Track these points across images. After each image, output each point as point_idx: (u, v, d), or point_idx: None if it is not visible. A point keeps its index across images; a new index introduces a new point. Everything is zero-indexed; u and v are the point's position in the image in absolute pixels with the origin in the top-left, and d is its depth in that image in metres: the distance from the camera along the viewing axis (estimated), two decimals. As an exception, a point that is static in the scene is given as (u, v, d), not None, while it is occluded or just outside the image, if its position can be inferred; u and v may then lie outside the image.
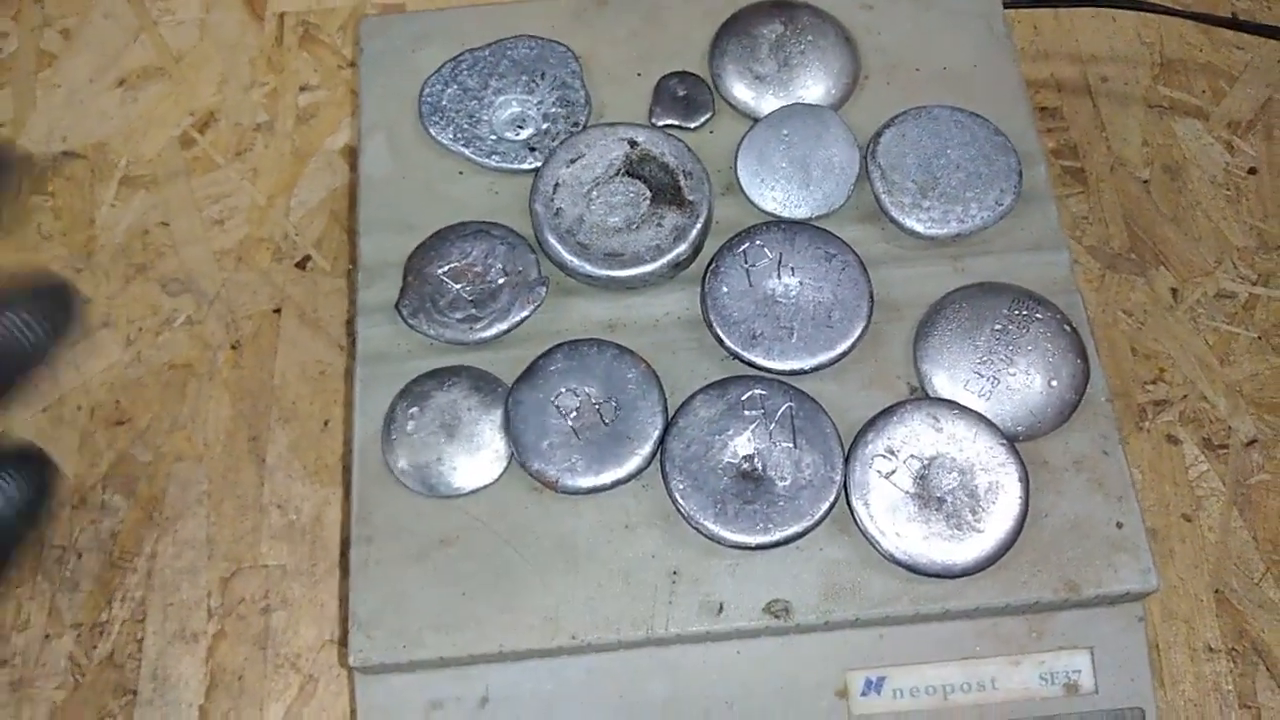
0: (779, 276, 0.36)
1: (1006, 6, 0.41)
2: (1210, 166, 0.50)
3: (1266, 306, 0.47)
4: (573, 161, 0.37)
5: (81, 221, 0.53)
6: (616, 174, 0.37)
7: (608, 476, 0.34)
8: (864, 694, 0.34)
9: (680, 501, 0.33)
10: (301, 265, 0.51)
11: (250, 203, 0.52)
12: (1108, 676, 0.34)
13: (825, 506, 0.33)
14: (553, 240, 0.36)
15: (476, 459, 0.35)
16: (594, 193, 0.37)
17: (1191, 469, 0.44)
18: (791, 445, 0.34)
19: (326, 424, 0.48)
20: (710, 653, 0.34)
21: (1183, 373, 0.46)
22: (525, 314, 0.36)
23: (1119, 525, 0.33)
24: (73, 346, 0.25)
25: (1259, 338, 0.46)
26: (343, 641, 0.44)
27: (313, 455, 0.47)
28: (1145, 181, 0.50)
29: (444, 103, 0.40)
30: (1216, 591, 0.42)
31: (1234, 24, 0.47)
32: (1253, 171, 0.49)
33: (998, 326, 0.35)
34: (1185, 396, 0.45)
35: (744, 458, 0.34)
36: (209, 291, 0.51)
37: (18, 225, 0.33)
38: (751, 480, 0.33)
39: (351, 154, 0.53)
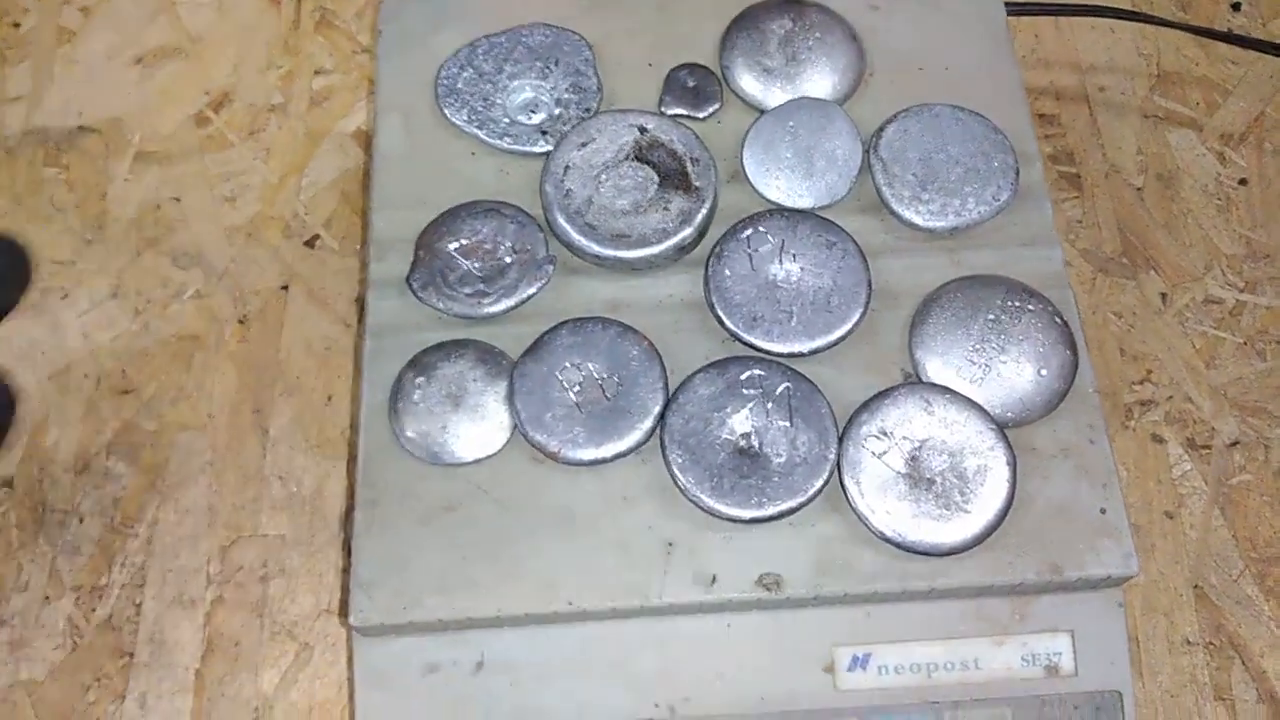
0: (781, 262, 0.37)
1: (1009, 12, 0.42)
2: (1202, 176, 0.51)
3: (1253, 313, 0.48)
4: (584, 145, 0.39)
5: (94, 195, 0.54)
6: (626, 159, 0.38)
7: (608, 449, 0.35)
8: (850, 670, 0.35)
9: (678, 475, 0.34)
10: (310, 244, 0.52)
11: (262, 181, 0.53)
12: (1087, 660, 0.35)
13: (819, 484, 0.34)
14: (562, 220, 0.37)
15: (481, 429, 0.36)
16: (603, 176, 0.38)
17: (1175, 468, 0.45)
18: (788, 424, 0.34)
19: (330, 399, 0.49)
20: (701, 626, 0.35)
21: (1169, 374, 0.47)
22: (532, 291, 0.37)
23: (1102, 511, 0.34)
24: (21, 299, 0.26)
25: (1244, 343, 0.47)
26: (342, 610, 0.45)
27: (315, 429, 0.48)
28: (1139, 189, 0.51)
29: (459, 85, 0.41)
30: (1196, 587, 0.43)
31: (1230, 38, 0.49)
32: (1243, 182, 0.51)
33: (991, 317, 0.36)
34: (1171, 397, 0.46)
35: (741, 435, 0.35)
36: (218, 266, 0.52)
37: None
38: (748, 457, 0.34)
39: (364, 137, 0.54)
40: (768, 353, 0.36)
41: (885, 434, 0.34)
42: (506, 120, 0.40)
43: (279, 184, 0.53)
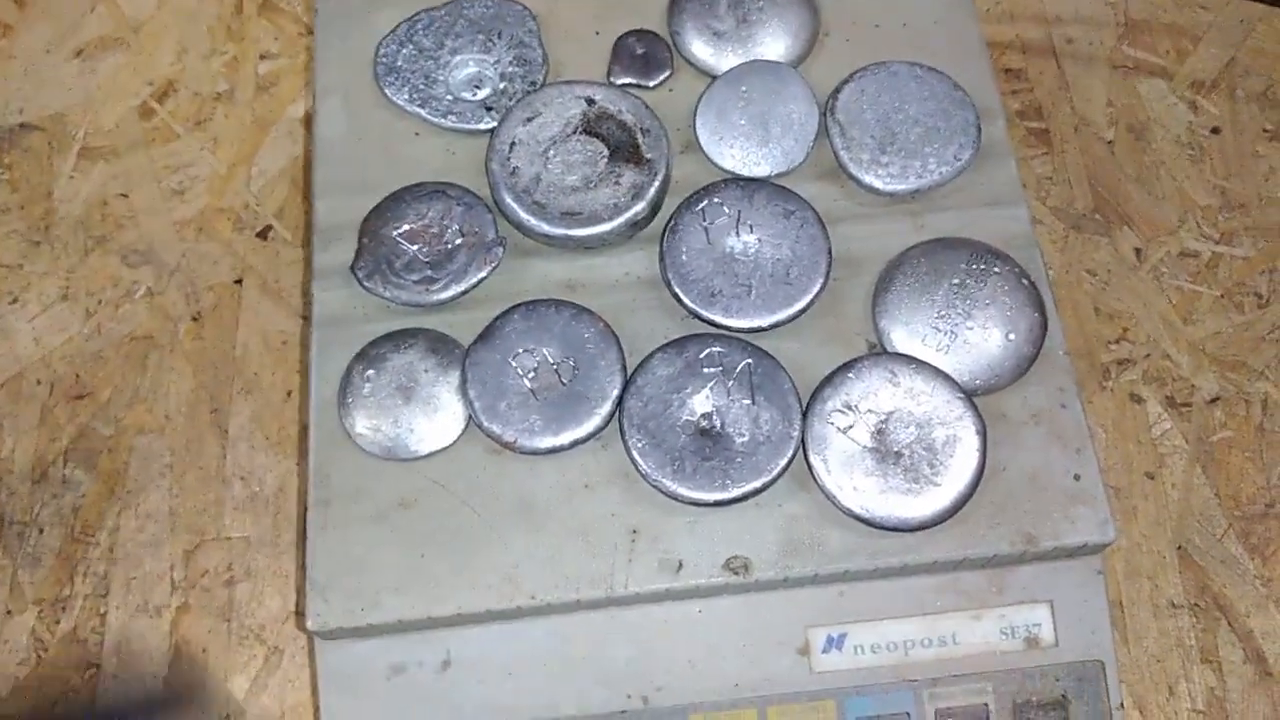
0: (738, 234, 0.35)
1: (968, -36, 0.41)
2: (1174, 126, 0.50)
3: (1229, 265, 0.47)
4: (529, 120, 0.37)
5: (39, 194, 0.52)
6: (574, 132, 0.37)
7: (566, 436, 0.34)
8: (825, 651, 0.34)
9: (639, 460, 0.33)
10: (263, 235, 0.50)
11: (210, 172, 0.52)
12: (1068, 630, 0.34)
13: (783, 462, 0.33)
14: (509, 200, 0.36)
15: (434, 421, 0.35)
16: (551, 151, 0.37)
17: (1155, 427, 0.44)
18: (750, 402, 0.33)
19: (289, 394, 0.48)
20: (672, 612, 0.34)
21: (1146, 332, 0.46)
22: (482, 275, 0.36)
23: (1076, 477, 0.33)
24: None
25: (1222, 296, 0.46)
26: (301, 613, 0.44)
27: (275, 426, 0.47)
28: (1109, 142, 0.49)
29: (399, 63, 0.39)
30: (1179, 548, 0.42)
31: (1197, -17, 0.47)
32: (1216, 131, 0.49)
33: (955, 281, 0.34)
34: (1148, 355, 0.45)
35: (702, 415, 0.33)
36: (169, 262, 0.50)
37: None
38: (710, 437, 0.33)
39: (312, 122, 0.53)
40: (727, 329, 0.35)
41: (850, 408, 0.33)
42: (450, 98, 0.38)
43: (228, 174, 0.52)
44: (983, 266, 0.35)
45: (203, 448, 0.47)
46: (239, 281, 0.50)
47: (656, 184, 0.36)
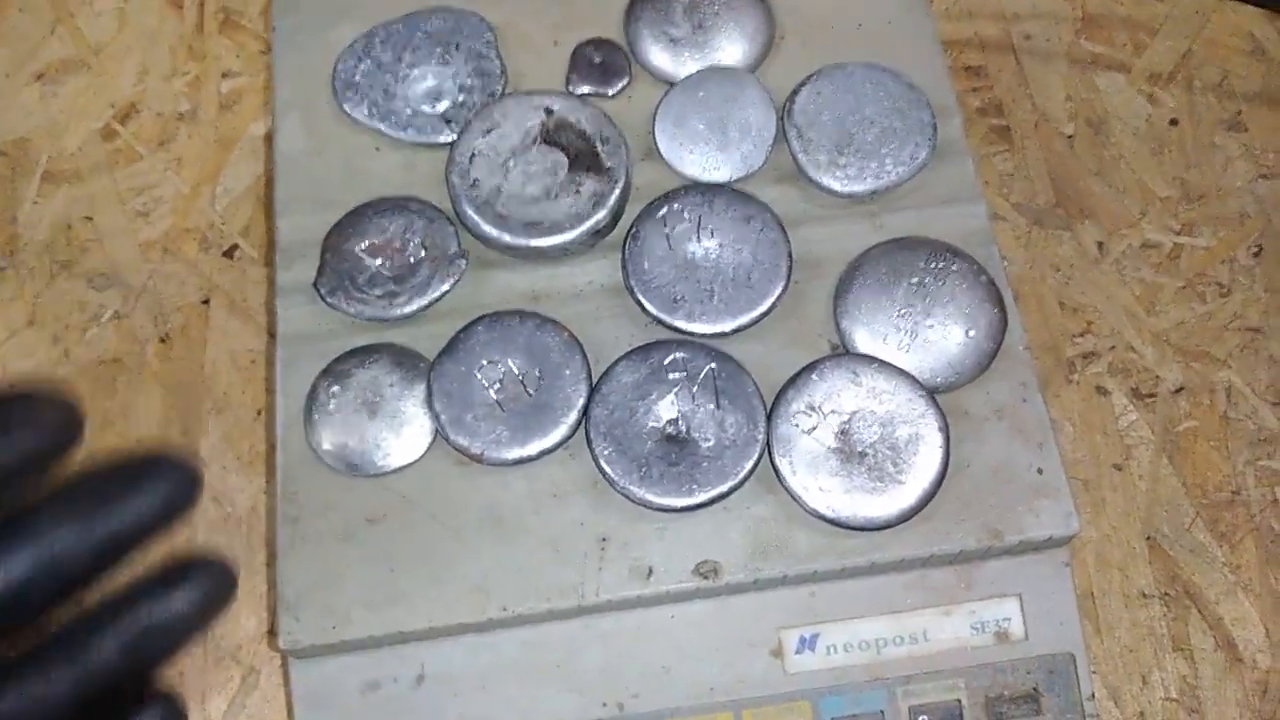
0: (699, 240, 0.36)
1: (922, -36, 0.41)
2: (1133, 119, 0.50)
3: (1191, 255, 0.47)
4: (488, 132, 0.37)
5: (3, 219, 0.52)
6: (533, 143, 0.37)
7: (533, 447, 0.34)
8: (798, 652, 0.34)
9: (606, 468, 0.33)
10: (229, 254, 0.50)
11: (175, 193, 0.52)
12: (1037, 623, 0.34)
13: (749, 465, 0.33)
14: (470, 212, 0.36)
15: (401, 436, 0.34)
16: (511, 162, 0.37)
17: (1121, 419, 0.44)
18: (714, 406, 0.33)
19: (259, 413, 0.47)
20: (645, 619, 0.34)
21: (1110, 324, 0.46)
22: (445, 288, 0.36)
23: (1039, 471, 0.33)
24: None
25: (1184, 286, 0.47)
26: (272, 632, 0.43)
27: (246, 445, 0.47)
28: (1070, 136, 0.50)
29: (357, 78, 0.39)
30: (1148, 538, 0.43)
31: (1151, -23, 0.48)
32: (1174, 123, 0.50)
33: (914, 280, 0.35)
34: (1113, 347, 0.46)
35: (668, 421, 0.34)
36: (136, 285, 0.50)
37: None
38: (676, 443, 0.33)
39: (277, 140, 0.53)
40: (691, 334, 0.35)
41: (814, 409, 0.33)
42: (409, 111, 0.38)
43: (192, 194, 0.51)
44: (941, 265, 0.35)
45: (174, 469, 0.47)
46: (206, 301, 0.49)
47: (617, 192, 0.36)
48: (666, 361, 0.34)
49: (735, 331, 0.35)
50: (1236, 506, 0.43)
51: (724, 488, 0.33)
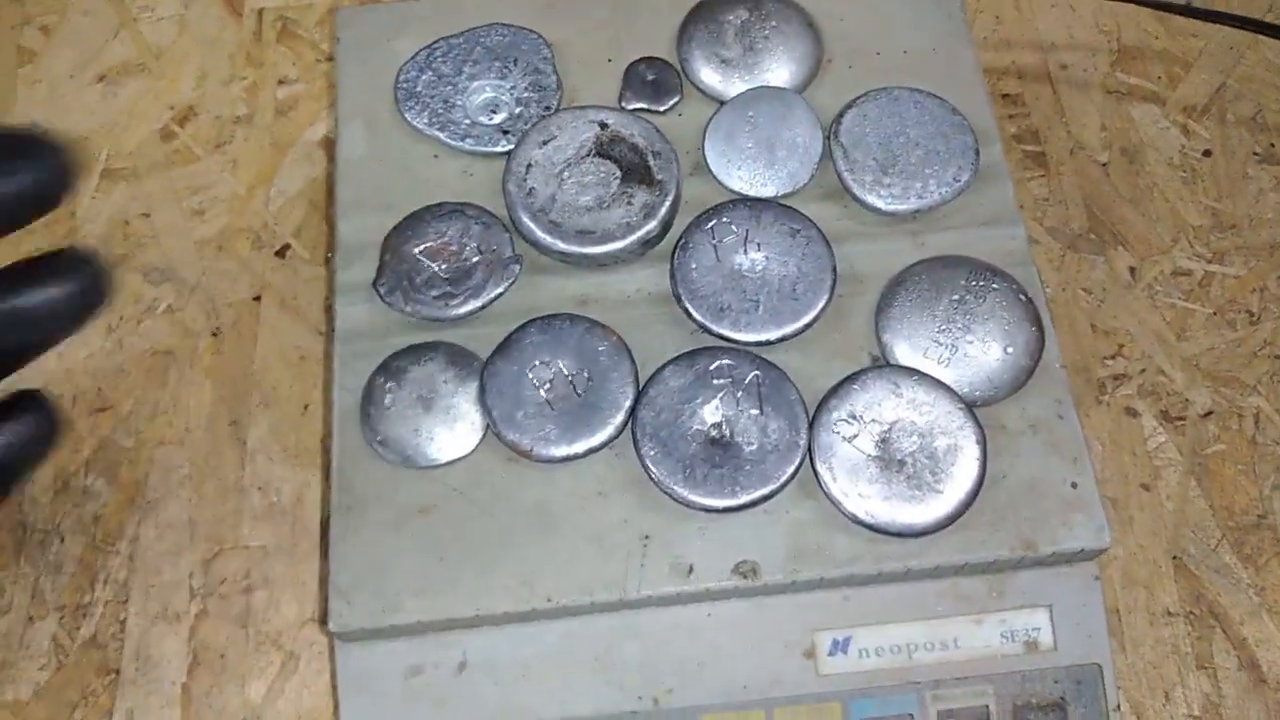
0: (745, 252, 0.37)
1: (965, -7, 0.42)
2: (1167, 149, 0.51)
3: (1221, 283, 0.48)
4: (545, 143, 0.39)
5: (62, 214, 0.53)
6: (587, 155, 0.38)
7: (581, 445, 0.35)
8: (831, 654, 0.35)
9: (651, 468, 0.34)
10: (281, 253, 0.52)
11: (230, 193, 0.53)
12: (1066, 634, 0.35)
13: (790, 470, 0.34)
14: (526, 219, 0.37)
15: (453, 431, 0.36)
16: (565, 173, 0.38)
17: (1150, 440, 0.45)
18: (758, 412, 0.35)
19: (306, 408, 0.49)
20: (682, 615, 0.35)
21: (1141, 348, 0.47)
22: (499, 291, 0.37)
23: (1073, 485, 0.34)
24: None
25: (1214, 313, 0.48)
26: (323, 617, 0.45)
27: (293, 438, 0.48)
28: (1104, 164, 0.51)
29: (419, 89, 0.40)
30: (1174, 558, 0.43)
31: (1189, 11, 0.49)
32: (1207, 154, 0.51)
33: (955, 297, 0.36)
34: (1144, 371, 0.47)
35: (712, 425, 0.35)
36: (190, 280, 0.51)
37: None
38: (719, 446, 0.34)
39: (330, 145, 0.54)
40: (736, 342, 0.36)
41: (855, 418, 0.34)
42: (467, 121, 0.40)
43: (247, 195, 0.53)
44: (981, 283, 0.36)
45: (221, 459, 0.48)
46: (257, 298, 0.51)
47: (667, 204, 0.37)
48: (712, 367, 0.35)
49: (779, 341, 0.36)
50: (1263, 530, 0.44)
51: (765, 491, 0.34)
